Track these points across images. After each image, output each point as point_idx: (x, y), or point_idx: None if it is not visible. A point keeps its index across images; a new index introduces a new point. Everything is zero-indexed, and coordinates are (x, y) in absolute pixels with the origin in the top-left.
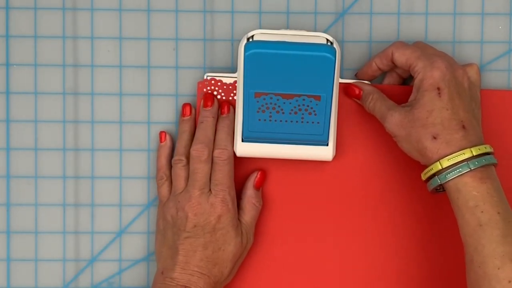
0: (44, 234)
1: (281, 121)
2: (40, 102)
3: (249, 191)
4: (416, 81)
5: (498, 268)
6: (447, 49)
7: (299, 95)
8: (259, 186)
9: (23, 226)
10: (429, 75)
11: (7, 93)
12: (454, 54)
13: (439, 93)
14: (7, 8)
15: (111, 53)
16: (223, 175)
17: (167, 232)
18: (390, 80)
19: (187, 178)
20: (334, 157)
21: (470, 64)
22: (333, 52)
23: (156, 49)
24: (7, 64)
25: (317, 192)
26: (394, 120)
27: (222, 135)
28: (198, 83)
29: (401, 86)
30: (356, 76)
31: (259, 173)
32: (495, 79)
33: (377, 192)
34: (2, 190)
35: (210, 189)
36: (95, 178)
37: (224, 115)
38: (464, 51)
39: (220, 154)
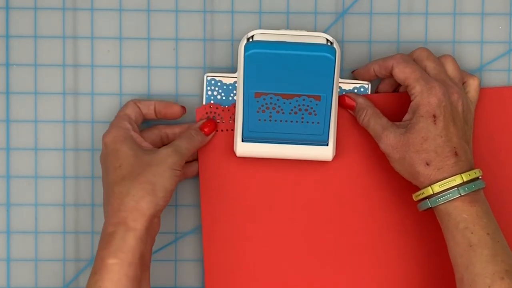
0: (44, 234)
1: (281, 121)
2: (40, 102)
3: (193, 126)
4: (413, 104)
5: (489, 286)
6: (447, 49)
7: (299, 95)
8: (204, 130)
9: (23, 226)
10: (426, 101)
11: (7, 93)
12: (454, 54)
13: (434, 121)
14: (7, 8)
15: (111, 53)
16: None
17: None
18: (385, 87)
19: None
20: (334, 157)
21: (472, 77)
22: (333, 52)
23: (156, 49)
24: (7, 64)
25: (316, 192)
26: (389, 141)
27: (182, 138)
28: (197, 109)
29: (395, 94)
30: (352, 74)
31: (209, 120)
32: (495, 79)
33: (378, 192)
34: (2, 190)
35: None
36: (95, 178)
37: (204, 134)
38: (464, 51)
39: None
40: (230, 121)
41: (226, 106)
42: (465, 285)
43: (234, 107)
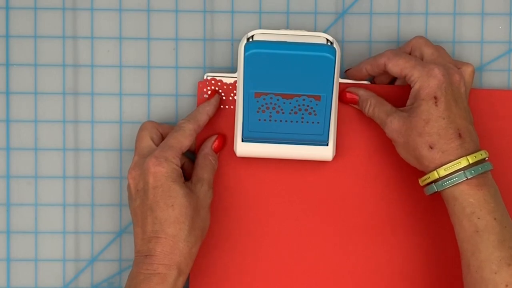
0: (44, 234)
1: (281, 121)
2: (40, 102)
3: (206, 149)
4: (413, 90)
5: (495, 273)
6: (447, 49)
7: (299, 95)
8: (217, 150)
9: (23, 226)
10: (426, 84)
11: (7, 93)
12: (454, 54)
13: (435, 102)
14: (7, 8)
15: (111, 53)
16: (170, 138)
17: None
18: (381, 79)
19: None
20: (334, 157)
21: (466, 64)
22: (333, 52)
23: (156, 49)
24: (7, 64)
25: (316, 192)
26: (393, 126)
27: (196, 111)
28: (199, 83)
29: (396, 86)
30: (345, 74)
31: (218, 137)
32: (495, 79)
33: (378, 192)
34: (2, 190)
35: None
36: (95, 178)
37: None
38: (464, 51)
39: (181, 121)
40: (230, 98)
41: (229, 82)
42: (471, 271)
43: (236, 82)
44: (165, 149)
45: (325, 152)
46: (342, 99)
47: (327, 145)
